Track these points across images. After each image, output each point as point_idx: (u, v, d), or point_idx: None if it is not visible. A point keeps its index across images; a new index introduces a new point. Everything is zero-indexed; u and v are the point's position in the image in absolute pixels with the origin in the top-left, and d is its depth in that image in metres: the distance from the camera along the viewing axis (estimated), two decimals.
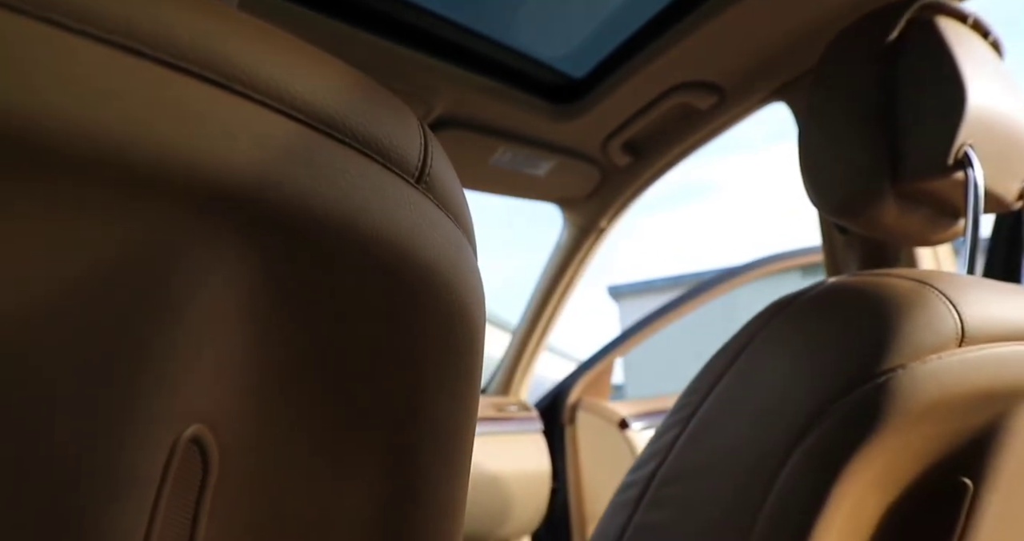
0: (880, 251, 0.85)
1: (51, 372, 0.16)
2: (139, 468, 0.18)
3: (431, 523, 0.27)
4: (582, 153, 1.04)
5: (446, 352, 0.25)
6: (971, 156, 0.52)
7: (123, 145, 0.16)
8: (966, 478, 0.45)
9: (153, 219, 0.16)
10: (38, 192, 0.15)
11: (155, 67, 0.17)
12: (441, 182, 0.24)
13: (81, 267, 0.16)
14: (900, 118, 0.54)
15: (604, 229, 1.22)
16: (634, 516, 0.51)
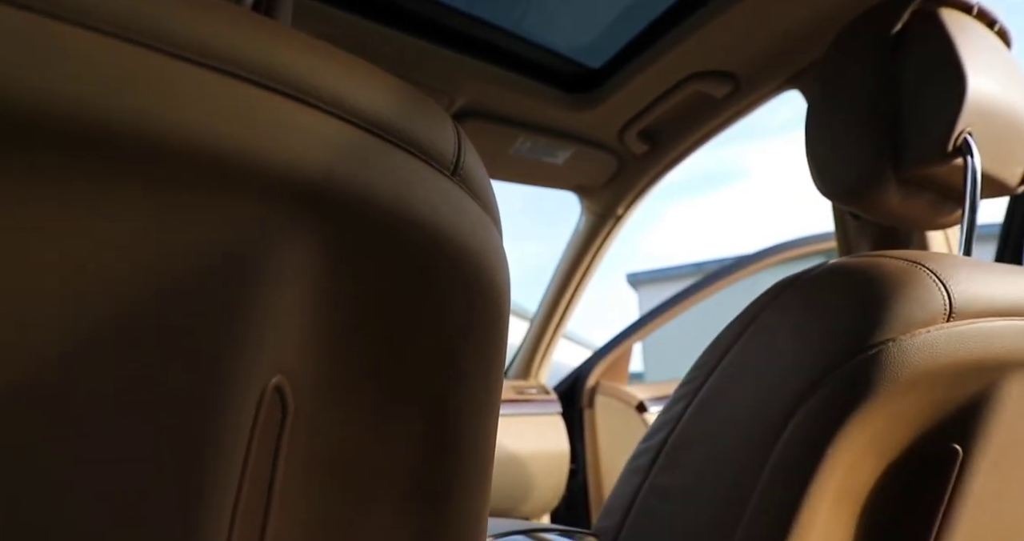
0: (891, 236, 0.87)
1: (173, 335, 0.20)
2: (239, 411, 0.22)
3: (464, 475, 0.31)
4: (599, 142, 1.07)
5: (477, 322, 0.29)
6: (970, 143, 0.54)
7: (222, 154, 0.20)
8: (956, 444, 0.48)
9: (243, 212, 0.20)
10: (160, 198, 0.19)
11: (244, 85, 0.20)
12: (472, 174, 0.28)
13: (189, 255, 0.20)
14: (902, 107, 0.57)
15: (621, 216, 1.25)
16: (646, 480, 0.55)
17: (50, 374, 0.18)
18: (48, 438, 0.18)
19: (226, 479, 0.22)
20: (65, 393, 0.18)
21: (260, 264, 0.21)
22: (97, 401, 0.19)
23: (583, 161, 1.11)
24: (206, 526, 0.22)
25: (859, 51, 0.60)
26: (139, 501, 0.20)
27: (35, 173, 0.17)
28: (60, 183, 0.17)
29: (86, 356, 0.19)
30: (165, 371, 0.20)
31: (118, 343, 0.19)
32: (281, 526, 0.25)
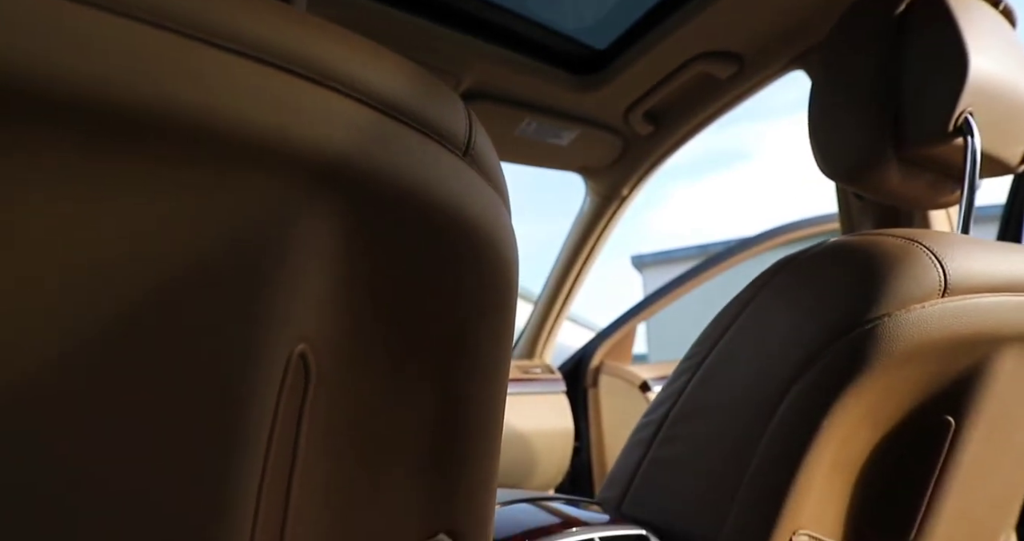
0: (894, 215, 0.88)
1: (207, 306, 0.21)
2: (268, 377, 0.23)
3: (473, 442, 0.32)
4: (605, 123, 1.08)
5: (487, 296, 0.30)
6: (971, 122, 0.55)
7: (249, 136, 0.21)
8: (949, 416, 0.50)
9: (268, 190, 0.22)
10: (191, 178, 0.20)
11: (269, 70, 0.22)
12: (483, 154, 0.29)
13: (220, 230, 0.21)
14: (905, 87, 0.57)
15: (626, 197, 1.26)
16: (648, 453, 0.57)
17: (96, 342, 0.20)
18: (97, 400, 0.20)
19: (256, 442, 0.24)
20: (111, 360, 0.20)
21: (285, 238, 0.23)
22: (140, 368, 0.21)
23: (588, 142, 1.11)
24: (238, 486, 0.23)
25: (863, 31, 0.60)
26: (176, 462, 0.22)
27: (75, 153, 0.18)
28: (99, 163, 0.19)
29: (128, 325, 0.20)
30: (201, 340, 0.22)
31: (157, 313, 0.21)
32: (304, 486, 0.27)
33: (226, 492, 0.23)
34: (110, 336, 0.20)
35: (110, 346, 0.20)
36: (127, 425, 0.21)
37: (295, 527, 0.27)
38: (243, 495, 0.24)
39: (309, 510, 0.28)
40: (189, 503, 0.22)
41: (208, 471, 0.23)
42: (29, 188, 0.18)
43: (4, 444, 0.19)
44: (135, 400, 0.21)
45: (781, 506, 0.47)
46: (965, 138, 0.56)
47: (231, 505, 0.23)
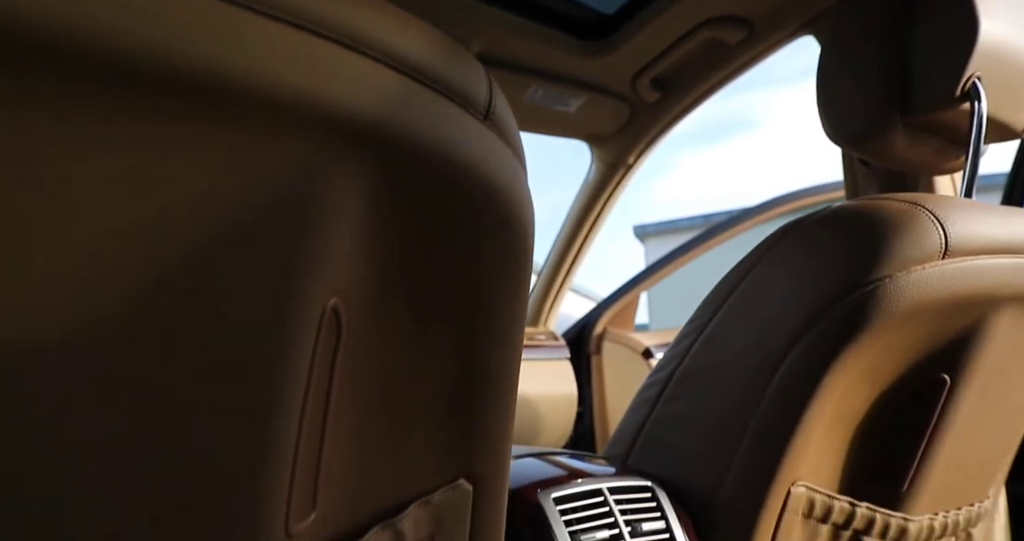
0: (899, 182, 0.89)
1: (249, 261, 0.23)
2: (305, 330, 0.25)
3: (490, 396, 0.34)
4: (612, 89, 1.07)
5: (504, 255, 0.31)
6: (979, 87, 0.55)
7: (285, 98, 0.22)
8: (945, 374, 0.52)
9: (301, 150, 0.23)
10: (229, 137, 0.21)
11: (304, 34, 0.22)
12: (502, 118, 0.30)
13: (259, 188, 0.22)
14: (913, 52, 0.58)
15: (632, 165, 1.26)
16: (653, 411, 0.59)
17: (147, 296, 0.21)
18: (148, 351, 0.22)
19: (295, 391, 0.25)
20: (162, 313, 0.21)
21: (319, 197, 0.24)
22: (187, 321, 0.22)
23: (595, 109, 1.11)
24: (280, 430, 0.25)
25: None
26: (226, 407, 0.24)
27: (119, 114, 0.19)
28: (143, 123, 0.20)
29: (178, 280, 0.22)
30: (245, 294, 0.23)
31: (203, 269, 0.22)
32: (335, 432, 0.29)
33: (270, 435, 0.25)
34: (161, 290, 0.21)
35: (161, 300, 0.21)
36: (179, 375, 0.22)
37: (328, 468, 0.29)
38: (284, 438, 0.25)
39: (340, 453, 0.30)
40: (239, 444, 0.24)
41: (254, 416, 0.24)
42: (79, 149, 0.19)
43: (60, 395, 0.20)
44: (185, 353, 0.22)
45: (781, 459, 0.49)
46: (972, 103, 0.56)
47: (275, 446, 0.25)
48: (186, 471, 0.23)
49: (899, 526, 0.56)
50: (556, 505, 0.46)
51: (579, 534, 0.45)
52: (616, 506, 0.47)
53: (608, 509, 0.47)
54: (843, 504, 0.54)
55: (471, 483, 0.36)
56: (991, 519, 0.71)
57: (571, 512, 0.46)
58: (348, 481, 0.31)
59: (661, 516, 0.49)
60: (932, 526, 0.59)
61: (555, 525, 0.44)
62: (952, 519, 0.61)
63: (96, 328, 0.20)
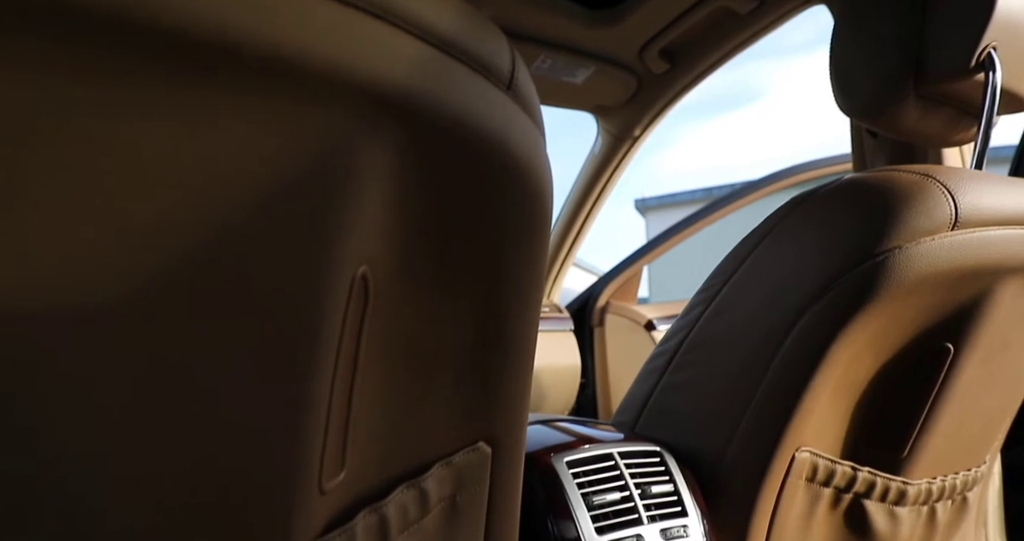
0: (908, 154, 0.89)
1: (286, 227, 0.23)
2: (336, 295, 0.26)
3: (509, 359, 0.35)
4: (619, 60, 1.06)
5: (523, 223, 0.32)
6: (994, 58, 0.55)
7: (320, 68, 0.22)
8: (948, 343, 0.53)
9: (335, 119, 0.23)
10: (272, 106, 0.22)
11: (340, 5, 0.23)
12: (524, 89, 0.31)
13: (296, 156, 0.23)
14: (929, 22, 0.57)
15: (638, 137, 1.26)
16: (661, 379, 0.60)
17: (188, 260, 0.22)
18: (190, 318, 0.22)
19: (327, 356, 0.26)
20: (202, 279, 0.22)
21: (351, 166, 0.24)
22: (228, 289, 0.23)
23: (602, 80, 1.10)
24: (313, 391, 0.26)
25: None
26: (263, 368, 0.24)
27: (163, 83, 0.20)
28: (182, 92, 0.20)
29: (218, 247, 0.22)
30: (280, 263, 0.24)
31: (244, 233, 0.23)
32: (362, 393, 0.30)
33: (305, 397, 0.26)
34: (202, 257, 0.22)
35: (202, 267, 0.22)
36: (219, 340, 0.23)
37: (356, 429, 0.30)
38: (318, 400, 0.26)
39: (367, 415, 0.31)
40: (276, 405, 0.25)
41: (290, 380, 0.25)
42: (122, 118, 0.19)
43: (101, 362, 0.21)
44: (224, 319, 0.23)
45: (786, 425, 0.50)
46: (987, 73, 0.56)
47: (309, 407, 0.26)
48: (227, 432, 0.24)
49: (898, 489, 0.58)
50: (569, 468, 0.47)
51: (591, 496, 0.46)
52: (626, 469, 0.49)
53: (619, 472, 0.49)
54: (845, 469, 0.56)
55: (490, 446, 0.37)
56: (986, 484, 0.73)
57: (583, 475, 0.48)
58: (374, 442, 0.32)
59: (669, 479, 0.51)
60: (930, 490, 0.61)
61: (568, 487, 0.46)
62: (949, 483, 0.63)
63: (139, 293, 0.21)
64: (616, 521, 0.46)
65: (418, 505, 0.34)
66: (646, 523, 0.47)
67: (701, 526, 0.50)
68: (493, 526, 0.38)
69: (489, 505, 0.38)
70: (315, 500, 0.28)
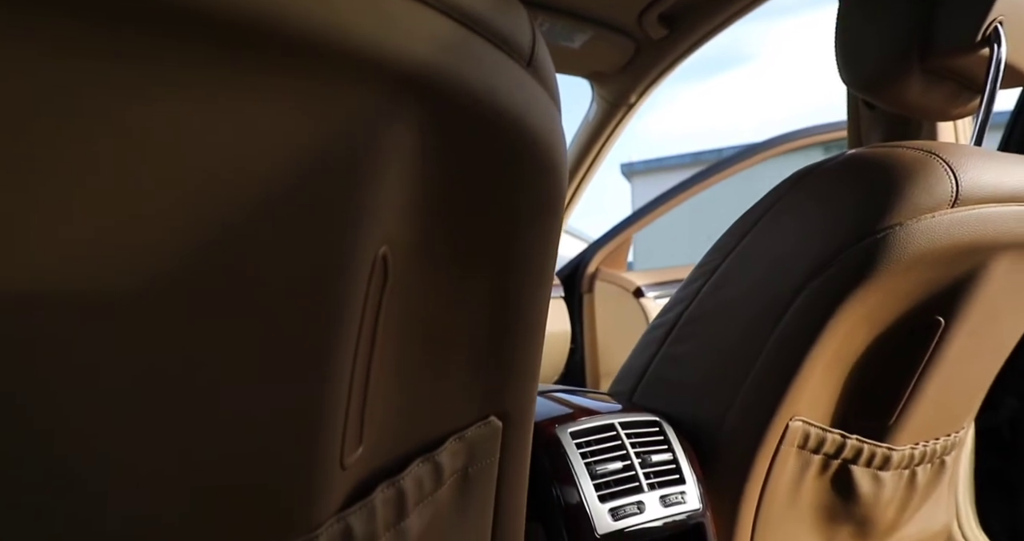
0: (903, 126, 0.89)
1: (313, 206, 0.23)
2: (358, 276, 0.26)
3: (522, 337, 0.36)
4: (618, 25, 1.04)
5: (540, 201, 0.32)
6: (1000, 32, 0.55)
7: (349, 45, 0.21)
8: (940, 317, 0.54)
9: (360, 98, 0.23)
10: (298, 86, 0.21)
11: None
12: (543, 64, 0.30)
13: (322, 135, 0.23)
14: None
15: (634, 104, 1.24)
16: (660, 350, 0.61)
17: (218, 241, 0.22)
18: (232, 287, 0.22)
19: (348, 335, 0.27)
20: (231, 258, 0.22)
21: (374, 145, 0.24)
22: (255, 268, 0.23)
23: (599, 45, 1.08)
24: (335, 373, 0.26)
25: None
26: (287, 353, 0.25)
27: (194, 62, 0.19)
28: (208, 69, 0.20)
29: (246, 225, 0.22)
30: (306, 243, 0.24)
31: (270, 215, 0.22)
32: (380, 369, 0.30)
33: (328, 374, 0.26)
34: (231, 235, 0.22)
35: (231, 245, 0.22)
36: (246, 320, 0.23)
37: (373, 404, 0.31)
38: (339, 377, 0.27)
39: (384, 390, 0.31)
40: (301, 383, 0.25)
41: (314, 357, 0.26)
42: (150, 96, 0.19)
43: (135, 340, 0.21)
44: (251, 298, 0.23)
45: (783, 396, 0.52)
46: (992, 48, 0.56)
47: (332, 384, 0.26)
48: (254, 412, 0.24)
49: (884, 455, 0.61)
50: (573, 439, 0.48)
51: (594, 465, 0.48)
52: (627, 439, 0.51)
53: (620, 442, 0.50)
54: (835, 436, 0.58)
55: (501, 420, 0.38)
56: (962, 447, 0.76)
57: (586, 445, 0.49)
58: (390, 417, 0.32)
59: (668, 448, 0.52)
60: (912, 455, 0.64)
61: (572, 457, 0.47)
62: (930, 448, 0.66)
63: (168, 276, 0.21)
64: (618, 489, 0.48)
65: (433, 478, 0.35)
66: (646, 491, 0.49)
67: (697, 492, 0.52)
68: (503, 496, 0.40)
69: (499, 476, 0.39)
70: (337, 476, 0.29)
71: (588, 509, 0.46)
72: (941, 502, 0.74)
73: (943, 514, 0.76)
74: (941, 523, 0.77)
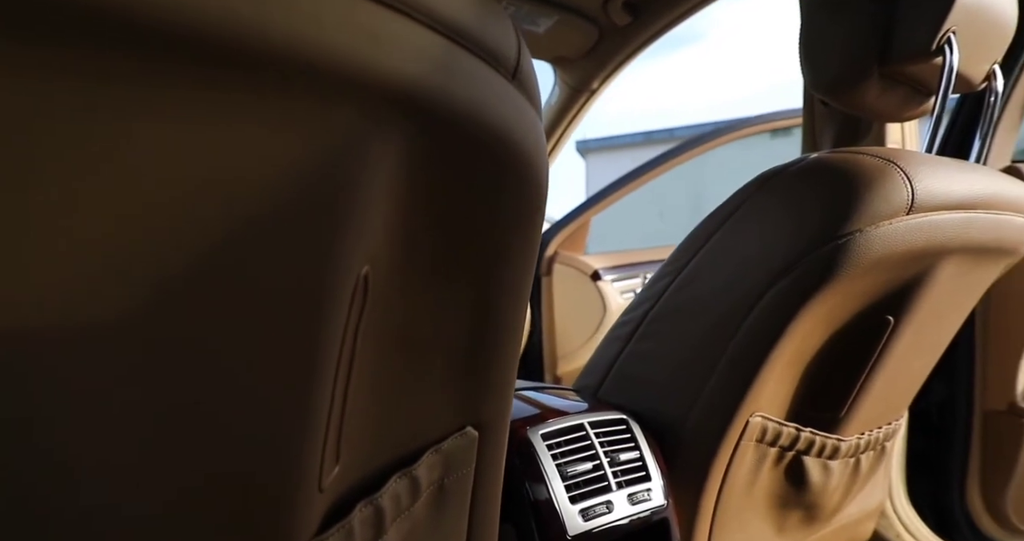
0: (855, 122, 0.92)
1: (296, 226, 0.22)
2: (341, 297, 0.25)
3: (500, 347, 0.36)
4: (582, 11, 1.03)
5: (523, 213, 0.32)
6: (952, 42, 0.57)
7: (337, 63, 0.20)
8: (890, 316, 0.57)
9: (347, 117, 0.22)
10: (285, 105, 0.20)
11: None
12: (527, 75, 0.29)
13: (307, 156, 0.21)
14: (896, 6, 0.58)
15: (596, 90, 1.24)
16: (626, 347, 0.62)
17: (201, 263, 0.20)
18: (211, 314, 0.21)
19: (331, 357, 0.26)
20: (214, 281, 0.21)
21: (361, 163, 0.23)
22: (239, 293, 0.22)
23: (564, 30, 1.07)
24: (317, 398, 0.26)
25: None
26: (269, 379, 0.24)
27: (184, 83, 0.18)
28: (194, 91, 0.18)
29: (231, 248, 0.21)
30: (290, 266, 0.23)
31: (255, 237, 0.21)
32: (358, 390, 0.30)
33: (310, 399, 0.26)
34: (215, 259, 0.21)
35: (215, 269, 0.21)
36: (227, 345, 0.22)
37: (351, 418, 0.30)
38: (321, 401, 0.26)
39: (361, 405, 0.31)
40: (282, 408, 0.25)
41: (296, 384, 0.25)
42: (131, 117, 0.18)
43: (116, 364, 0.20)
44: (233, 322, 0.22)
45: (745, 394, 0.54)
46: (945, 56, 0.58)
47: (313, 409, 0.26)
48: (234, 437, 0.24)
49: (833, 446, 0.64)
50: (544, 441, 0.49)
51: (565, 467, 0.49)
52: (596, 439, 0.51)
53: (589, 442, 0.51)
54: (790, 430, 0.61)
55: (477, 430, 0.38)
56: (899, 432, 0.81)
57: (556, 446, 0.50)
58: (367, 432, 0.32)
59: (635, 446, 0.54)
60: (859, 444, 0.67)
61: (544, 459, 0.48)
62: (874, 436, 0.70)
63: (150, 298, 0.20)
64: (588, 489, 0.49)
65: (410, 493, 0.35)
66: (615, 490, 0.50)
67: (662, 487, 0.54)
68: (477, 503, 0.40)
69: (474, 485, 0.39)
70: (315, 498, 0.28)
71: (559, 511, 0.47)
72: (879, 483, 0.79)
73: (879, 493, 0.82)
74: (877, 501, 0.83)
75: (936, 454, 1.03)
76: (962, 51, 0.59)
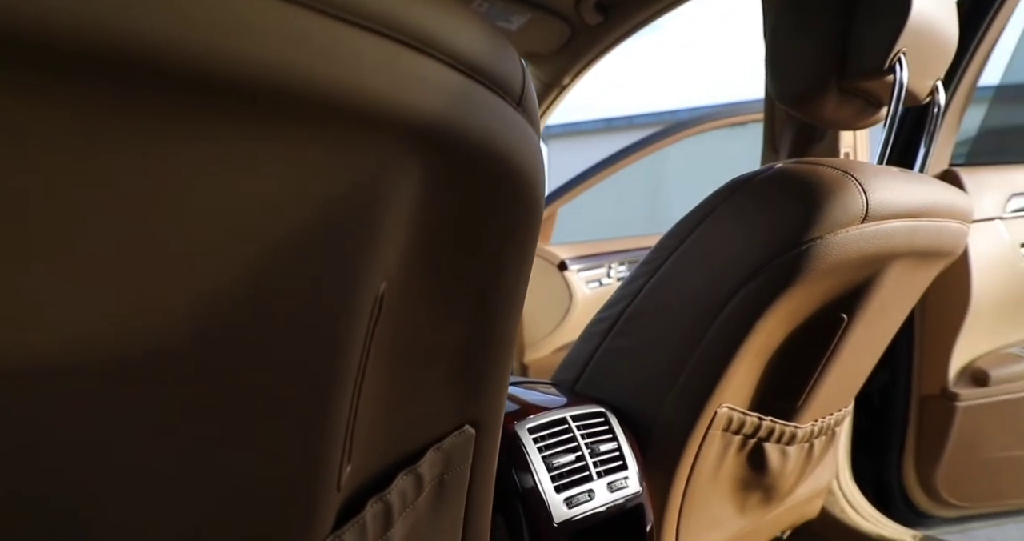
0: (811, 128, 0.97)
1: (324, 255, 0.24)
2: (362, 314, 0.27)
3: (496, 354, 0.38)
4: (555, 9, 1.05)
5: (522, 230, 0.34)
6: (903, 61, 0.62)
7: (362, 100, 0.22)
8: (844, 314, 0.62)
9: (372, 150, 0.23)
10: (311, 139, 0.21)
11: (377, 37, 0.22)
12: (530, 101, 0.31)
13: (334, 190, 0.23)
14: (853, 25, 0.63)
15: (567, 86, 1.26)
16: (603, 343, 0.66)
17: (230, 293, 0.22)
18: (248, 340, 0.23)
19: (350, 370, 0.28)
20: (257, 305, 0.23)
21: (383, 194, 0.25)
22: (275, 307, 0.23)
23: (536, 28, 1.08)
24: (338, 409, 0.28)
25: None
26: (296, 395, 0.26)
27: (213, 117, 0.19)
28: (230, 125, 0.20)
29: (258, 280, 0.22)
30: (318, 290, 0.24)
31: (280, 268, 0.23)
32: (368, 393, 0.32)
33: (332, 409, 0.27)
34: (241, 290, 0.22)
35: (241, 299, 0.22)
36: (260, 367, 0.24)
37: (362, 420, 0.32)
38: (341, 411, 0.28)
39: (371, 407, 0.33)
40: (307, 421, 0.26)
41: (320, 397, 0.27)
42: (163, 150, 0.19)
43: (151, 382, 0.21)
44: (262, 346, 0.24)
45: (714, 387, 0.58)
46: (895, 74, 0.63)
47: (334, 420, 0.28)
48: (266, 448, 0.25)
49: (790, 433, 0.70)
50: (531, 434, 0.52)
51: (550, 458, 0.52)
52: (578, 432, 0.55)
53: (572, 435, 0.54)
54: (753, 419, 0.66)
55: (474, 427, 0.41)
56: (847, 417, 0.88)
57: (542, 440, 0.53)
58: (375, 433, 0.34)
59: (613, 437, 0.57)
60: (813, 430, 0.73)
61: (531, 452, 0.51)
62: (826, 423, 0.76)
63: (184, 327, 0.21)
64: (571, 479, 0.52)
65: (414, 488, 0.38)
66: (595, 479, 0.54)
67: (638, 475, 0.58)
68: (473, 496, 0.43)
69: (471, 478, 0.42)
70: (334, 497, 0.30)
71: (546, 500, 0.50)
72: (828, 464, 0.86)
73: (828, 473, 0.88)
74: (826, 481, 0.89)
75: (877, 435, 1.11)
76: (910, 69, 0.64)
